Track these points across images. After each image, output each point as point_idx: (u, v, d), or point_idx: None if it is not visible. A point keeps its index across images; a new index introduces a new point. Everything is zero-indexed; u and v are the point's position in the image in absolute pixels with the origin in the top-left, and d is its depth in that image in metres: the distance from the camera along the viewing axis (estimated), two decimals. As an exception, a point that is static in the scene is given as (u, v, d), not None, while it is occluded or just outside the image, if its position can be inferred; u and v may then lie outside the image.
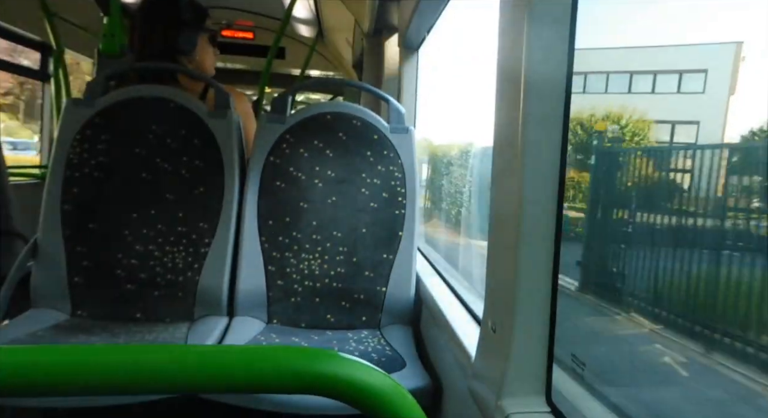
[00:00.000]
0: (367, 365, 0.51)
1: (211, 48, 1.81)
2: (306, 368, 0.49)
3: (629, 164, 1.28)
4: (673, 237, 1.02)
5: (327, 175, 1.56)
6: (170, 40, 1.66)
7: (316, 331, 1.49)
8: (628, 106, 1.28)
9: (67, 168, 1.47)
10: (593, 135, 1.30)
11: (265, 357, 0.50)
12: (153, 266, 1.47)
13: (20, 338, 1.25)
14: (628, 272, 1.17)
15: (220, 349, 0.53)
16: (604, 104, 1.31)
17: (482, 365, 0.94)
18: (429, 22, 2.02)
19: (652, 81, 1.22)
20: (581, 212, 1.36)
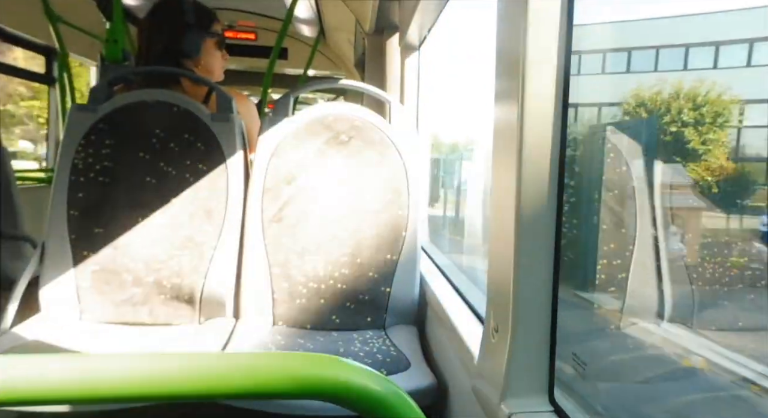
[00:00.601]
0: (367, 370, 0.51)
1: (219, 52, 1.82)
2: (307, 373, 0.50)
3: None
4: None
5: (330, 177, 1.57)
6: (174, 44, 1.68)
7: (321, 332, 1.50)
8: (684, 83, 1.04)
9: (72, 173, 1.49)
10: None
11: (267, 363, 0.51)
12: (159, 269, 1.49)
13: (28, 343, 1.27)
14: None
15: (223, 356, 0.53)
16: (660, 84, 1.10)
17: (485, 365, 0.95)
18: (430, 21, 2.02)
19: (711, 53, 1.01)
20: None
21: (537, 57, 0.80)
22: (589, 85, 1.10)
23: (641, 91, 0.98)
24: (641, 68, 1.00)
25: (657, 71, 0.84)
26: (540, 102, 0.81)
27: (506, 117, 0.86)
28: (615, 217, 1.22)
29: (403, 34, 2.19)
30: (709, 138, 1.03)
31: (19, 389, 0.45)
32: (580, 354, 0.83)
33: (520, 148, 0.81)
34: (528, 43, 0.79)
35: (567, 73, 0.82)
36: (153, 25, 1.72)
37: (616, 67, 1.09)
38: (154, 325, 1.48)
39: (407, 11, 2.04)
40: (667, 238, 1.17)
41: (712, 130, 1.01)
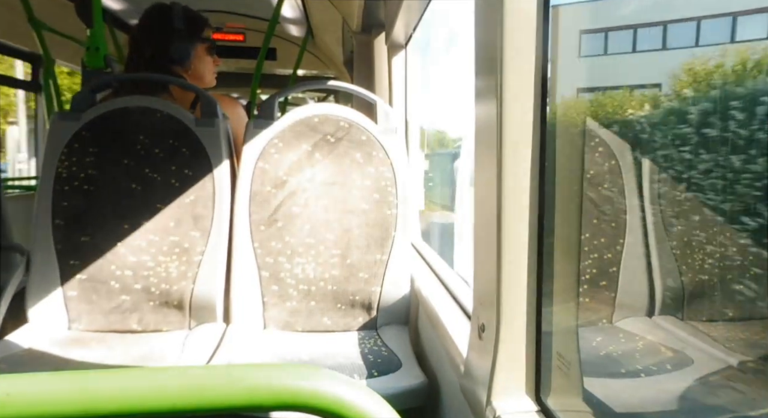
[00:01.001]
0: (340, 377, 0.51)
1: (209, 57, 1.81)
2: (279, 384, 0.50)
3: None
4: None
5: (317, 179, 1.56)
6: (163, 50, 1.67)
7: (312, 335, 1.50)
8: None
9: (56, 182, 1.47)
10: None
11: (241, 375, 0.51)
12: (147, 276, 1.48)
13: (17, 354, 1.26)
14: None
15: (192, 369, 0.53)
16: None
17: (473, 364, 0.94)
18: (415, 19, 2.01)
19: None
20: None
21: (514, 53, 0.80)
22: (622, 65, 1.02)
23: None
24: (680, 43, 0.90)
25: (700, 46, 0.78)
26: (519, 99, 0.81)
27: (486, 115, 0.85)
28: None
29: (389, 33, 2.18)
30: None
31: None
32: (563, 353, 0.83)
33: (500, 146, 0.81)
34: (505, 39, 0.79)
35: (545, 67, 0.82)
36: (143, 31, 1.72)
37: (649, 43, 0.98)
38: (144, 332, 1.48)
39: (392, 10, 2.04)
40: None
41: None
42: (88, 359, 1.25)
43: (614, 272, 1.17)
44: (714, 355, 0.84)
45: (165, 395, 0.49)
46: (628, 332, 1.13)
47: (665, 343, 1.02)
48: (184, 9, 1.73)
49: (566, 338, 0.88)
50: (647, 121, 0.96)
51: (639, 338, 1.07)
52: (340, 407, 0.49)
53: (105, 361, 1.25)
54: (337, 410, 0.49)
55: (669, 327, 1.09)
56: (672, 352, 0.98)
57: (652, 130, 0.95)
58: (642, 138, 1.03)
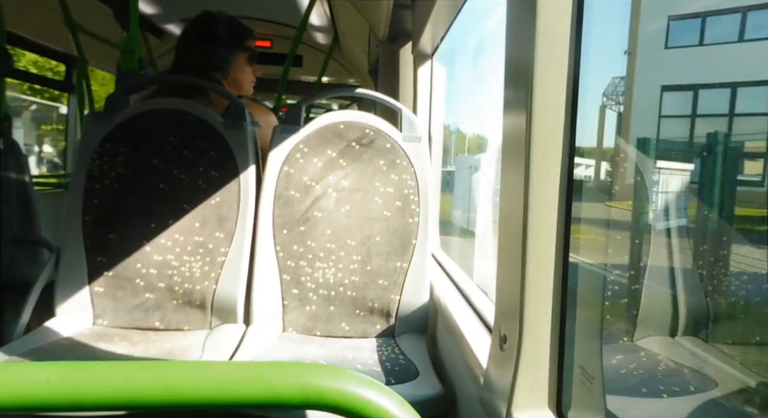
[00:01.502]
0: (370, 380, 0.51)
1: (250, 67, 1.85)
2: (310, 382, 0.51)
3: None
4: None
5: (340, 185, 1.58)
6: (205, 57, 1.73)
7: (330, 340, 1.50)
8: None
9: (87, 180, 1.51)
10: None
11: (268, 372, 0.52)
12: (171, 275, 1.50)
13: (44, 347, 1.29)
14: None
15: (227, 364, 0.54)
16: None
17: (493, 376, 0.94)
18: (442, 30, 2.02)
19: None
20: None
21: (546, 66, 0.80)
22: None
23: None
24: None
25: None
26: (549, 112, 0.81)
27: (515, 128, 0.85)
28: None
29: (416, 43, 2.19)
30: None
31: (25, 395, 0.46)
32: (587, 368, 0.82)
33: (528, 159, 0.81)
34: (537, 52, 0.79)
35: (576, 82, 0.82)
36: (189, 37, 1.78)
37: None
38: (166, 330, 1.50)
39: (420, 20, 2.05)
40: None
41: None
42: (112, 355, 1.27)
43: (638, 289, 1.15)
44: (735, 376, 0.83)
45: (195, 388, 0.50)
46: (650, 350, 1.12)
47: (687, 363, 1.01)
48: (229, 18, 1.79)
49: (590, 352, 0.87)
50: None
51: (661, 357, 1.06)
52: (364, 408, 0.50)
53: (128, 357, 1.27)
54: (361, 410, 0.50)
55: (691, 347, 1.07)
56: (694, 372, 0.96)
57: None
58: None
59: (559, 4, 0.79)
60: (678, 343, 0.99)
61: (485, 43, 7.81)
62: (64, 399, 0.46)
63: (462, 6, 1.81)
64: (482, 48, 8.08)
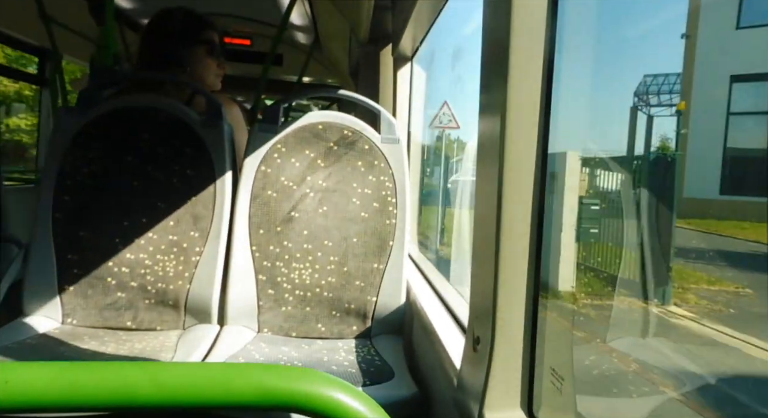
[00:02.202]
0: (340, 381, 0.51)
1: (210, 59, 1.82)
2: (281, 385, 0.50)
3: None
4: None
5: (318, 185, 1.57)
6: (160, 52, 1.71)
7: (306, 341, 1.49)
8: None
9: (59, 176, 1.48)
10: None
11: (238, 374, 0.51)
12: (144, 274, 1.48)
13: (10, 346, 1.26)
14: None
15: (199, 365, 0.53)
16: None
17: (466, 377, 0.95)
18: (422, 33, 2.03)
19: None
20: None
21: (521, 71, 0.81)
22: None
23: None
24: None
25: None
26: (523, 116, 0.82)
27: (489, 131, 0.86)
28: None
29: (396, 45, 2.20)
30: None
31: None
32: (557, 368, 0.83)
33: (502, 162, 0.82)
34: (511, 56, 0.80)
35: (550, 85, 0.83)
36: (146, 34, 1.77)
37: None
38: (138, 330, 1.47)
39: (400, 22, 2.06)
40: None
41: None
42: (81, 354, 1.25)
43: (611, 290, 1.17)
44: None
45: (162, 389, 0.49)
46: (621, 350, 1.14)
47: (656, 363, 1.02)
48: (184, 12, 1.77)
49: (560, 353, 0.88)
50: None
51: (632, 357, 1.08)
52: (335, 410, 0.50)
53: (97, 357, 1.25)
54: (332, 412, 0.50)
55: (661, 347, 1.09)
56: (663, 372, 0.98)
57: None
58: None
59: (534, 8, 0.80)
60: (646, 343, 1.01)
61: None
62: (21, 400, 0.45)
63: (441, 9, 1.82)
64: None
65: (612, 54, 1.15)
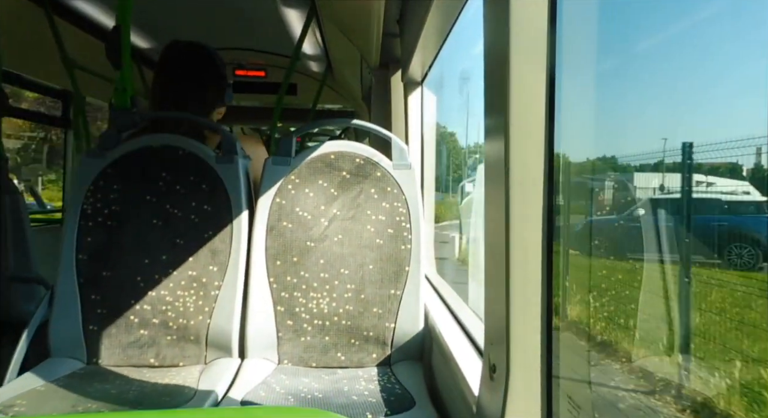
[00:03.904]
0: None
1: (219, 102, 1.85)
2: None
3: None
4: None
5: (332, 214, 1.59)
6: (169, 93, 1.72)
7: (326, 371, 1.49)
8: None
9: (81, 218, 1.52)
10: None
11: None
12: (165, 310, 1.50)
13: (39, 389, 1.28)
14: None
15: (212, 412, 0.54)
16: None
17: (484, 405, 0.93)
18: (430, 58, 2.06)
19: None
20: None
21: (523, 90, 0.81)
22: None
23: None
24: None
25: None
26: (528, 137, 0.82)
27: (495, 152, 0.87)
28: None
29: (405, 71, 2.23)
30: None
31: None
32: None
33: (508, 184, 0.82)
34: (512, 75, 0.80)
35: (552, 105, 0.83)
36: (158, 73, 1.78)
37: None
38: (161, 367, 1.49)
39: (408, 48, 2.09)
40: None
41: None
42: (106, 395, 1.27)
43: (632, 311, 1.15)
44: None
45: None
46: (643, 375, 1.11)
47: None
48: (192, 53, 1.78)
49: (578, 381, 0.86)
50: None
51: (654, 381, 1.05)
52: None
53: (122, 397, 1.26)
54: None
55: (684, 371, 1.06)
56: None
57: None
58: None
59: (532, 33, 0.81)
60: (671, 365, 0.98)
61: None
62: None
63: (448, 34, 1.85)
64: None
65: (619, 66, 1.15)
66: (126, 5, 1.51)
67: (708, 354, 1.06)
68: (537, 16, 0.80)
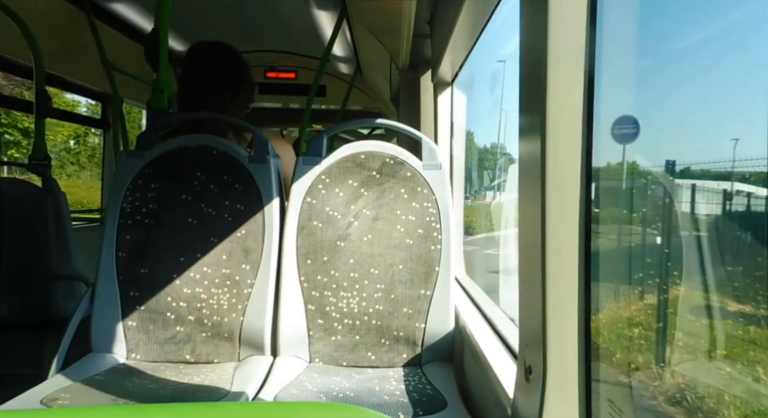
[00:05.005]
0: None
1: (245, 102, 1.92)
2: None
3: None
4: None
5: (362, 214, 1.59)
6: (197, 93, 1.80)
7: (356, 370, 1.50)
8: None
9: (120, 216, 1.57)
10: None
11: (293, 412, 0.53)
12: (200, 307, 1.53)
13: (81, 383, 1.33)
14: None
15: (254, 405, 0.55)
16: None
17: (520, 408, 0.92)
18: (461, 58, 2.05)
19: None
20: None
21: (560, 86, 0.80)
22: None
23: None
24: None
25: None
26: (564, 136, 0.81)
27: (531, 151, 0.86)
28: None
29: (435, 71, 2.23)
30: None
31: None
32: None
33: (544, 186, 0.81)
34: (549, 74, 0.79)
35: (591, 104, 0.82)
36: (185, 72, 1.85)
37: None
38: (197, 363, 1.52)
39: (438, 49, 2.08)
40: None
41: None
42: (144, 390, 1.30)
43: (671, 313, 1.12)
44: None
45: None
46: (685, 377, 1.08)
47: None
48: (218, 55, 1.86)
49: (618, 383, 0.85)
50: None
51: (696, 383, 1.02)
52: None
53: (159, 392, 1.29)
54: None
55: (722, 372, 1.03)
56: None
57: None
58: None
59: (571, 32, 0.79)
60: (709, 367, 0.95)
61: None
62: None
63: (480, 34, 1.84)
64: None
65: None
66: (164, 9, 1.55)
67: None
68: (576, 14, 0.79)
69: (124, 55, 2.93)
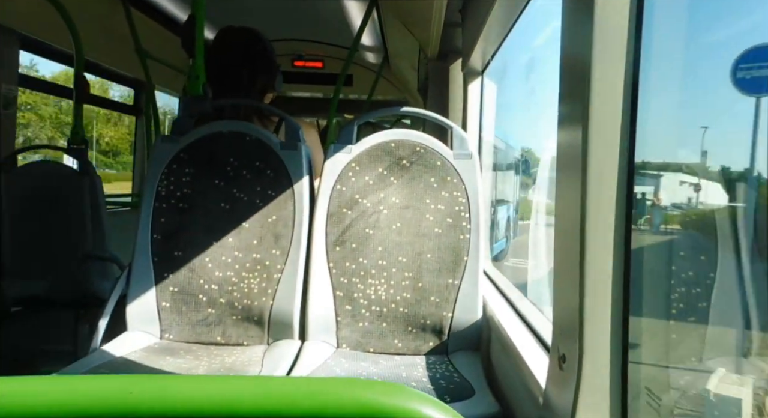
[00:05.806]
0: (431, 398, 0.52)
1: (270, 90, 1.93)
2: (367, 398, 0.52)
3: None
4: None
5: (392, 202, 1.60)
6: (245, 78, 1.81)
7: (383, 356, 1.51)
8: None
9: (156, 200, 1.60)
10: None
11: (331, 388, 0.53)
12: (231, 291, 1.56)
13: (116, 360, 1.37)
14: None
15: (290, 380, 0.56)
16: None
17: (553, 396, 0.92)
18: (493, 47, 2.03)
19: None
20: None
21: (603, 76, 0.79)
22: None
23: None
24: None
25: None
26: (606, 125, 0.80)
27: (570, 141, 0.85)
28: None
29: (466, 61, 2.21)
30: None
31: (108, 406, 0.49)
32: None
33: (585, 173, 0.80)
34: (593, 63, 0.78)
35: (635, 93, 0.81)
36: (212, 58, 1.86)
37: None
38: (227, 345, 1.55)
39: (470, 38, 2.07)
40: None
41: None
42: (179, 369, 1.33)
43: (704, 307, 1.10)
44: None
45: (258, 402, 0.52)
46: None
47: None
48: (263, 42, 1.87)
49: (656, 373, 0.84)
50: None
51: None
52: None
53: (192, 371, 1.32)
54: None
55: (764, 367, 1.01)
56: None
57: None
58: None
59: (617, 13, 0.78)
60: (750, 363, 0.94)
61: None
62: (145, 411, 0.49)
63: (513, 24, 1.81)
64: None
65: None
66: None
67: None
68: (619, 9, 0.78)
69: (155, 42, 2.97)
